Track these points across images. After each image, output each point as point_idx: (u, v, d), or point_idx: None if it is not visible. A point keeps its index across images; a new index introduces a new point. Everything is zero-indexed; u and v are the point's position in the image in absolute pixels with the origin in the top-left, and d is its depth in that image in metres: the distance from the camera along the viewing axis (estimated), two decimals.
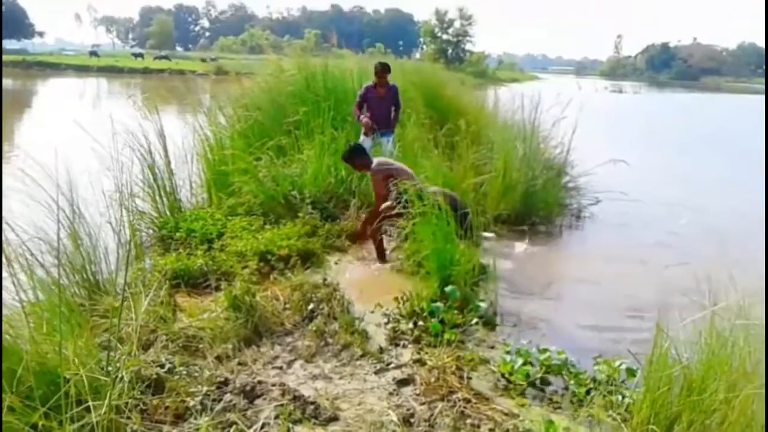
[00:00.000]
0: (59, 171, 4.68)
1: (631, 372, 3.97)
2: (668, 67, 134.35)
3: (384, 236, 6.75)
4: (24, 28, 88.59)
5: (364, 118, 8.43)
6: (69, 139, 5.88)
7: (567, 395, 3.93)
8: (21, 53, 64.97)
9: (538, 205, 8.17)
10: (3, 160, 10.45)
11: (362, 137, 8.55)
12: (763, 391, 2.79)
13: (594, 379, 4.02)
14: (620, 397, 3.67)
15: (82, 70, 52.60)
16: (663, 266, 6.49)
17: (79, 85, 41.49)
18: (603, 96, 49.33)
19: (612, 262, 7.10)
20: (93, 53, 68.38)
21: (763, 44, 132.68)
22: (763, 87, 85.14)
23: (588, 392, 3.87)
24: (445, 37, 71.57)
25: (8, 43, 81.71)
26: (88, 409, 2.77)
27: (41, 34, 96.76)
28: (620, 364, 4.05)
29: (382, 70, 8.63)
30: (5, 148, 12.33)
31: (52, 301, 3.40)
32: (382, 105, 8.66)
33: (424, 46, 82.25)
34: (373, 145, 8.38)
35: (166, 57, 67.21)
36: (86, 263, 4.70)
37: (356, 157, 6.63)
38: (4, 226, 3.75)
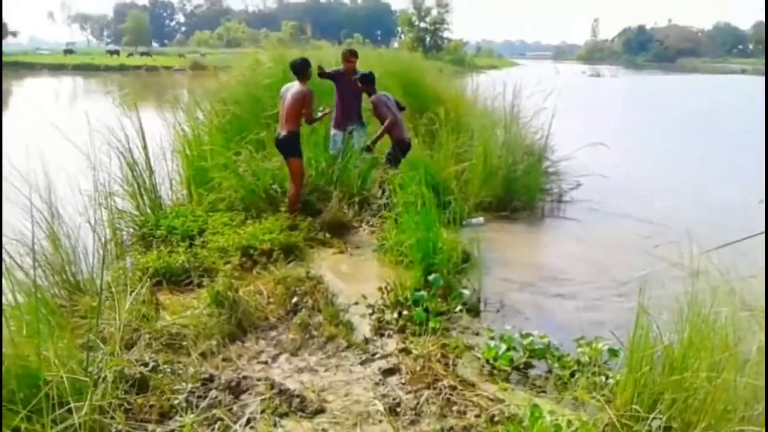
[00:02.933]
0: (36, 171, 4.63)
1: (613, 353, 4.01)
2: (645, 50, 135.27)
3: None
4: None
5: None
6: (45, 138, 5.81)
7: (551, 378, 3.96)
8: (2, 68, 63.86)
9: (520, 191, 8.20)
10: None
11: (333, 131, 8.22)
12: (746, 369, 2.83)
13: (578, 362, 4.06)
14: (603, 378, 3.70)
15: (57, 68, 51.93)
16: (645, 247, 6.55)
17: (55, 84, 41.00)
18: (581, 80, 49.56)
19: (593, 245, 7.16)
20: (68, 51, 67.58)
21: (738, 24, 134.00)
22: (738, 67, 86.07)
23: (572, 375, 3.90)
24: (422, 25, 71.40)
25: None
26: (70, 411, 2.75)
27: (15, 34, 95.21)
28: (603, 346, 4.08)
29: (350, 54, 8.30)
30: None
31: (32, 303, 3.36)
32: (353, 92, 8.16)
33: (402, 35, 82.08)
34: (343, 140, 8.02)
35: (147, 53, 66.49)
36: (66, 264, 4.66)
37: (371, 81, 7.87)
38: None
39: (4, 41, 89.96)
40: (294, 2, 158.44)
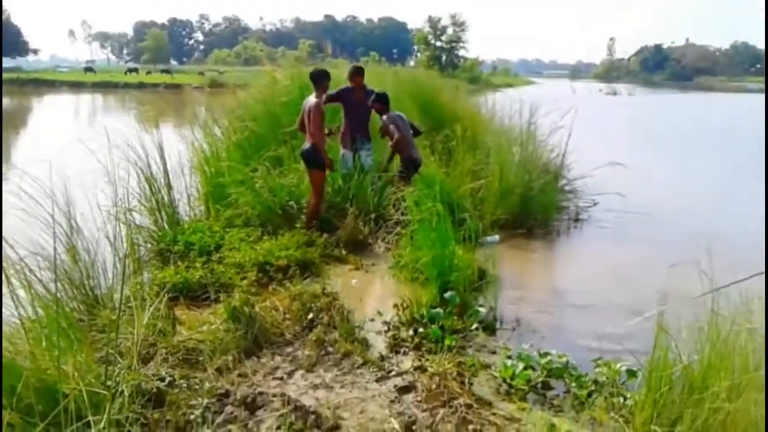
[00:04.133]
0: (56, 186, 4.69)
1: (632, 373, 3.97)
2: (662, 68, 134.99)
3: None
4: (18, 46, 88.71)
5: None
6: (65, 154, 5.88)
7: (569, 398, 3.92)
8: (16, 71, 64.89)
9: (536, 209, 8.17)
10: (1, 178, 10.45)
11: (341, 150, 8.16)
12: (764, 389, 2.79)
13: (595, 382, 4.02)
14: (622, 399, 3.66)
15: (77, 86, 52.68)
16: (662, 266, 6.46)
17: (75, 101, 41.53)
18: (597, 98, 49.47)
19: (610, 264, 7.10)
20: (88, 69, 68.61)
21: (755, 43, 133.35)
22: (757, 86, 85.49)
23: (590, 395, 3.86)
24: (438, 44, 71.80)
25: (2, 61, 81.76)
26: (88, 424, 2.76)
27: (36, 51, 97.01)
28: (621, 366, 4.04)
29: (356, 73, 8.22)
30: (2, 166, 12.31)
31: (51, 317, 3.39)
32: (362, 110, 8.12)
33: (418, 54, 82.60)
34: (354, 159, 7.93)
35: (167, 71, 67.31)
36: (85, 278, 4.70)
37: (385, 102, 7.98)
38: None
39: (25, 59, 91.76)
40: (310, 21, 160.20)
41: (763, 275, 2.96)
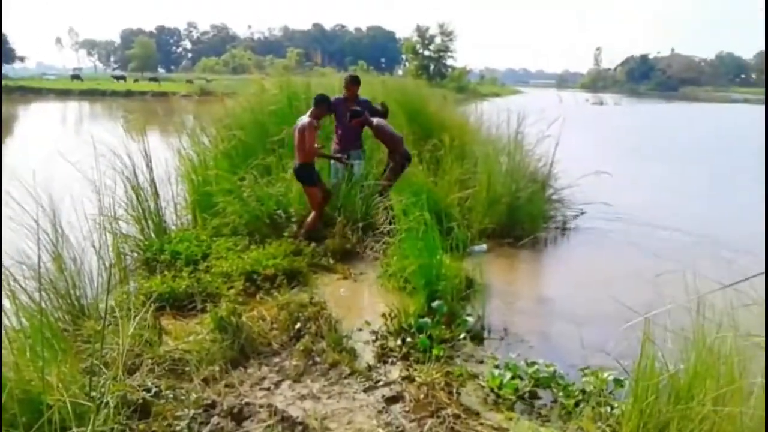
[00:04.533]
0: (42, 195, 4.65)
1: (619, 383, 3.98)
2: (647, 78, 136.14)
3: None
4: (5, 53, 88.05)
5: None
6: (51, 162, 5.84)
7: (556, 408, 3.93)
8: (2, 78, 64.44)
9: (523, 218, 8.20)
10: None
11: (334, 165, 8.07)
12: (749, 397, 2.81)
13: (583, 391, 4.03)
14: (609, 409, 3.67)
15: (63, 93, 52.39)
16: (649, 275, 6.51)
17: (62, 108, 41.29)
18: (584, 108, 49.78)
19: (597, 273, 7.13)
20: (76, 77, 68.27)
21: (741, 54, 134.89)
22: (741, 96, 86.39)
23: (577, 404, 3.87)
24: (426, 53, 72.03)
25: None
26: None
27: (22, 59, 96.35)
28: (608, 375, 4.05)
29: (352, 82, 8.18)
30: None
31: (35, 327, 3.36)
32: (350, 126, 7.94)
33: (407, 63, 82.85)
34: (345, 168, 7.84)
35: (155, 79, 67.13)
36: (70, 288, 4.66)
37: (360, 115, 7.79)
38: None
39: (11, 66, 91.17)
40: (299, 30, 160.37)
41: (763, 275, 2.98)
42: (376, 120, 7.93)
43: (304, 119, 7.13)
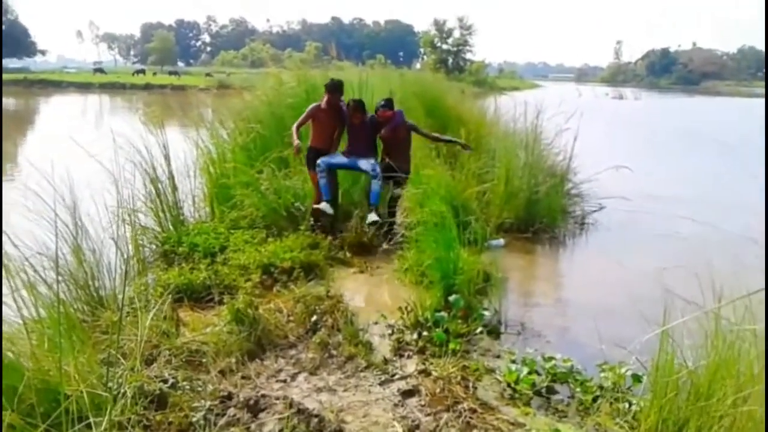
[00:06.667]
0: (62, 186, 4.69)
1: (636, 378, 3.94)
2: (668, 72, 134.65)
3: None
4: (26, 47, 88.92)
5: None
6: (71, 155, 5.89)
7: (573, 403, 3.90)
8: (23, 71, 65.23)
9: (542, 213, 8.14)
10: (6, 178, 10.48)
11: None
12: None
13: (600, 387, 3.99)
14: (627, 405, 3.63)
15: (84, 87, 52.85)
16: (668, 270, 6.45)
17: (82, 101, 41.66)
18: (604, 102, 49.33)
19: (616, 268, 7.07)
20: (99, 70, 68.88)
21: (763, 48, 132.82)
22: (763, 90, 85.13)
23: (594, 400, 3.84)
24: (444, 46, 71.82)
25: (10, 62, 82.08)
26: (89, 426, 2.75)
27: (43, 52, 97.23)
28: (626, 371, 4.02)
29: (356, 110, 7.22)
30: (8, 166, 12.36)
31: (54, 318, 3.38)
32: (360, 132, 7.40)
33: (425, 56, 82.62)
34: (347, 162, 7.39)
35: (174, 72, 67.60)
36: (89, 279, 4.70)
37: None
38: (5, 240, 3.74)
39: (33, 59, 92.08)
40: (317, 24, 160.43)
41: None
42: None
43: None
